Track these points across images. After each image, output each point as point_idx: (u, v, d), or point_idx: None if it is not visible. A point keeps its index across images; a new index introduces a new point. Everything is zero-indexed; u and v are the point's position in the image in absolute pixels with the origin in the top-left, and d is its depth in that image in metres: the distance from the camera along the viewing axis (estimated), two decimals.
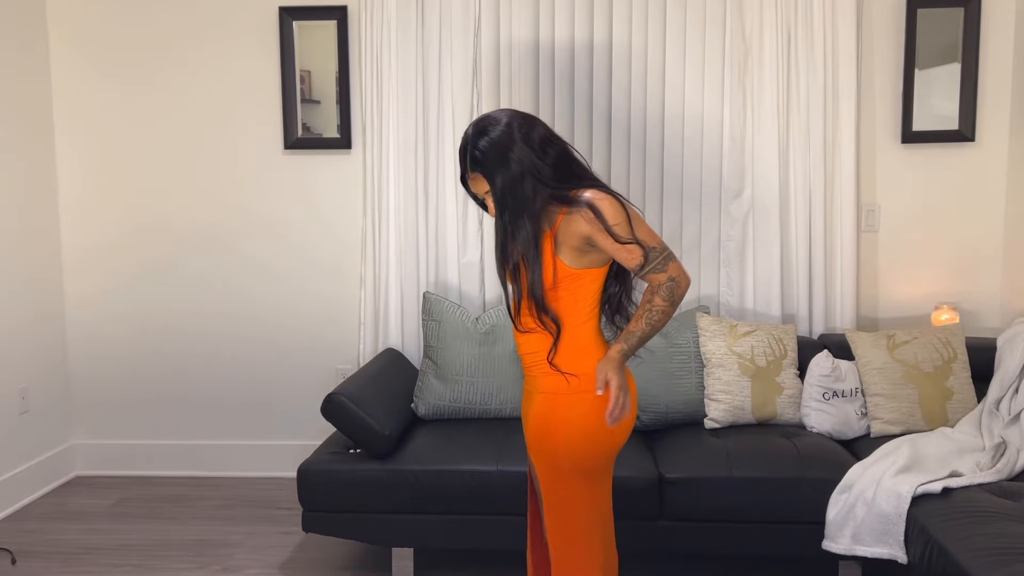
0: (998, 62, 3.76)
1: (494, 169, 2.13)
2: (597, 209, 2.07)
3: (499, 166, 2.12)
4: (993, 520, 2.46)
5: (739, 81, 3.73)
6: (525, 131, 2.14)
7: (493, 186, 2.14)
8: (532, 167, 2.12)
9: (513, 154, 2.11)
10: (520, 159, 2.12)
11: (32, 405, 3.96)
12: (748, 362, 3.36)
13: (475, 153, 2.15)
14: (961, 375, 3.30)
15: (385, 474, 3.06)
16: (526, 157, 2.12)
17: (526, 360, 2.25)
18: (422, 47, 3.82)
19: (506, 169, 2.11)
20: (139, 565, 3.30)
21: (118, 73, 4.07)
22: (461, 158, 2.20)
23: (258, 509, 3.81)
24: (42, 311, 4.04)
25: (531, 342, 2.20)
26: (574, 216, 2.10)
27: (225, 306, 4.14)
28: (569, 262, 2.13)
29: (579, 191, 2.13)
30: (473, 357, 3.48)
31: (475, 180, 2.19)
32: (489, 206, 2.21)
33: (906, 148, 3.83)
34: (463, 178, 2.24)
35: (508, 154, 2.12)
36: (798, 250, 3.76)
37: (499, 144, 2.12)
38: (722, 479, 2.98)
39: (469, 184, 2.23)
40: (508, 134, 2.13)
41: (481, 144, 2.14)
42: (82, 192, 4.14)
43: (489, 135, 2.14)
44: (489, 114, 2.21)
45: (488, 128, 2.15)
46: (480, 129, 2.16)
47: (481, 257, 3.89)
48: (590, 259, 2.14)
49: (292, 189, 4.07)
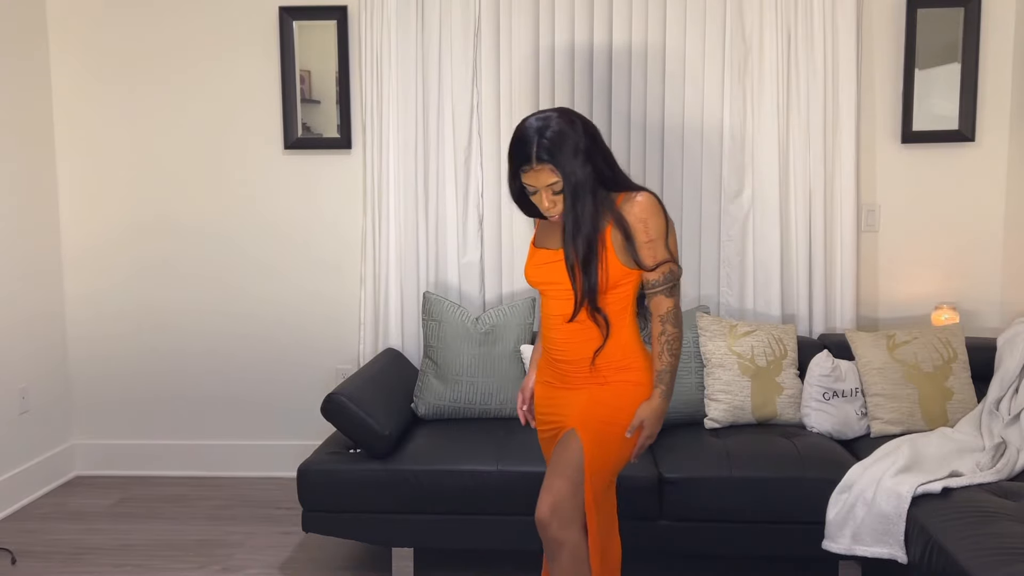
0: (998, 62, 3.76)
1: (566, 161, 2.15)
2: (648, 215, 2.18)
3: (571, 158, 2.15)
4: (993, 520, 2.46)
5: (739, 81, 3.73)
6: (590, 130, 2.21)
7: (566, 178, 2.15)
8: (598, 163, 2.19)
9: (583, 147, 2.16)
10: (589, 154, 2.17)
11: (32, 405, 3.96)
12: (748, 362, 3.36)
13: (544, 142, 2.15)
14: (961, 375, 3.30)
15: (385, 474, 3.06)
16: (594, 152, 2.19)
17: (578, 353, 2.27)
18: (422, 47, 3.82)
19: (578, 162, 2.15)
20: (139, 565, 3.30)
21: (118, 73, 4.07)
22: (519, 151, 2.19)
23: (258, 509, 3.81)
24: (42, 312, 4.04)
25: (584, 332, 2.26)
26: (626, 215, 2.19)
27: (225, 306, 4.14)
28: (623, 261, 2.22)
29: (630, 192, 2.22)
30: (473, 357, 3.48)
31: (538, 172, 2.17)
32: (544, 201, 2.20)
33: (906, 148, 3.83)
34: (514, 173, 2.23)
35: (579, 146, 2.16)
36: (798, 250, 3.76)
37: (570, 137, 2.16)
38: (722, 479, 2.98)
39: (527, 178, 2.20)
40: (575, 129, 2.18)
41: (550, 135, 2.16)
42: (82, 192, 4.14)
43: (556, 128, 2.17)
44: (543, 111, 2.25)
45: (551, 122, 2.18)
46: (544, 122, 2.18)
47: (481, 257, 3.89)
48: (626, 259, 2.22)
49: (292, 189, 4.07)
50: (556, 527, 2.18)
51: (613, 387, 2.26)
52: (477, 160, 3.85)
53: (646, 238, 2.19)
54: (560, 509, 2.19)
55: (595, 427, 2.21)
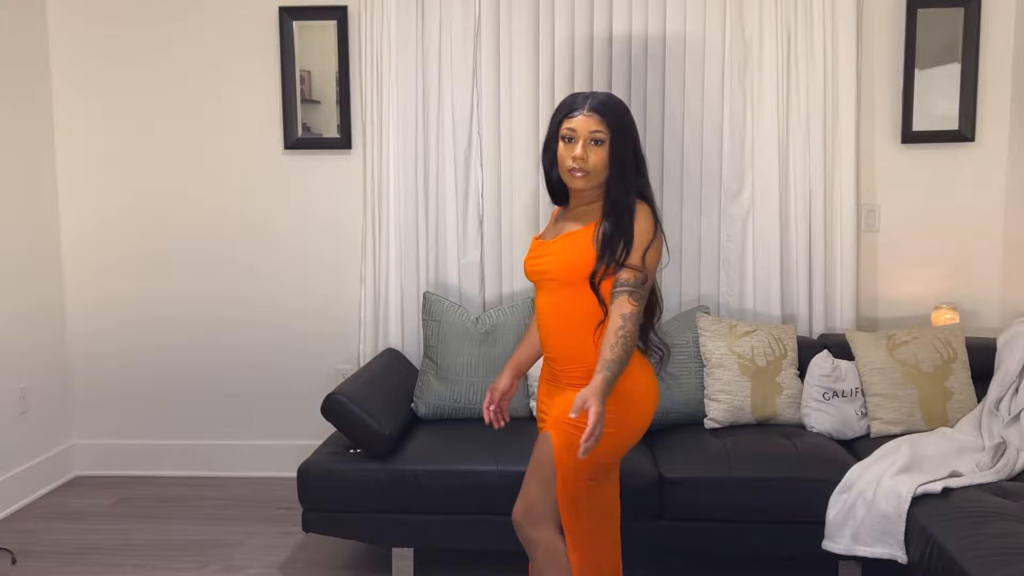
0: (998, 62, 3.76)
1: (616, 120, 2.20)
2: (642, 219, 2.21)
3: (626, 128, 2.21)
4: (993, 520, 2.46)
5: (739, 81, 3.73)
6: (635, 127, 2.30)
7: (618, 140, 2.19)
8: (637, 152, 2.27)
9: (629, 127, 2.24)
10: (635, 140, 2.25)
11: (32, 405, 3.96)
12: (748, 362, 3.36)
13: (600, 97, 2.22)
14: (961, 375, 3.30)
15: (385, 474, 3.06)
16: (637, 143, 2.27)
17: (563, 348, 2.30)
18: (422, 47, 3.82)
19: (631, 136, 2.23)
20: (139, 565, 3.30)
21: (118, 72, 4.07)
22: (570, 102, 2.24)
23: (258, 509, 3.81)
24: (42, 313, 4.04)
25: (572, 323, 2.28)
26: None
27: (225, 306, 4.14)
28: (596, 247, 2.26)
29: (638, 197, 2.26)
30: (473, 357, 3.48)
31: (587, 118, 2.20)
32: (577, 147, 2.20)
33: (906, 148, 3.83)
34: (553, 134, 2.26)
35: (628, 126, 2.23)
36: (798, 250, 3.76)
37: (625, 112, 2.25)
38: (722, 479, 2.98)
39: (572, 122, 2.21)
40: (629, 113, 2.27)
41: (605, 97, 2.23)
42: (82, 192, 4.14)
43: (614, 97, 2.25)
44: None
45: (609, 95, 2.27)
46: (605, 93, 2.27)
47: (481, 257, 3.89)
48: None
49: (292, 189, 4.07)
50: (528, 527, 2.25)
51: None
52: (477, 160, 3.85)
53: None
54: (532, 509, 2.25)
55: (566, 429, 2.20)
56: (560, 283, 2.25)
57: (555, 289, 2.27)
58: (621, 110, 2.23)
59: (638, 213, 2.21)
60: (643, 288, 2.18)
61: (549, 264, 2.28)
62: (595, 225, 2.23)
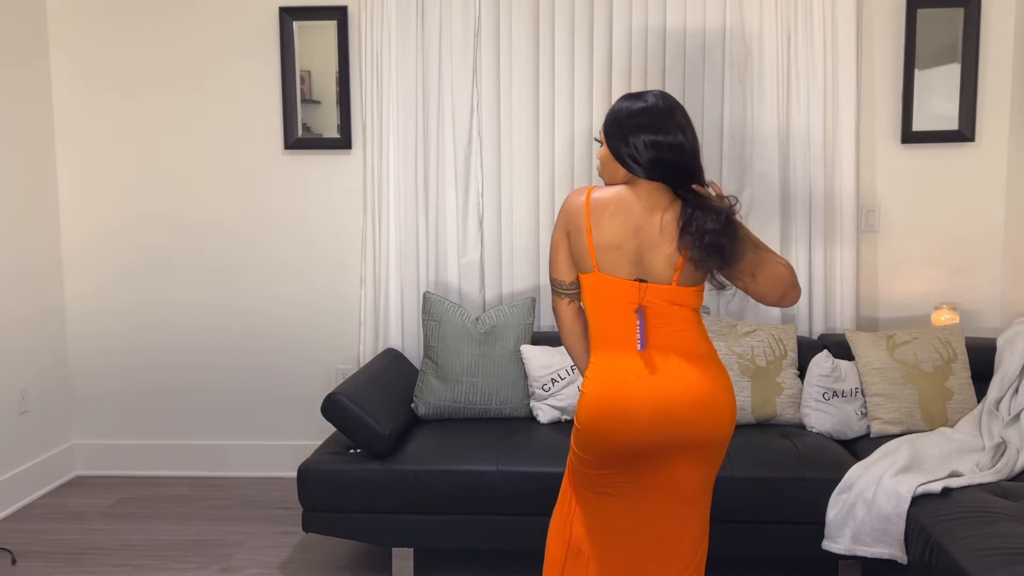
0: (998, 62, 3.76)
1: (686, 125, 2.16)
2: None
3: (689, 125, 2.17)
4: (993, 520, 2.46)
5: (739, 81, 3.73)
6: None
7: (685, 132, 2.14)
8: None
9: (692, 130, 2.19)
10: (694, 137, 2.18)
11: (32, 405, 3.96)
12: (748, 362, 3.36)
13: (672, 99, 2.17)
14: (961, 375, 3.30)
15: (385, 474, 3.06)
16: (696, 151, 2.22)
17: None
18: (422, 47, 3.82)
19: (693, 134, 2.17)
20: (139, 565, 3.30)
21: (118, 73, 4.07)
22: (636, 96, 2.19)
23: (258, 509, 3.81)
24: (42, 313, 4.04)
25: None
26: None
27: (225, 306, 4.14)
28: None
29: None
30: (473, 357, 3.48)
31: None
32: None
33: (906, 148, 3.83)
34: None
35: (692, 128, 2.18)
36: (798, 250, 3.76)
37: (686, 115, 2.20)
38: (722, 479, 2.95)
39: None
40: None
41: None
42: (82, 193, 4.14)
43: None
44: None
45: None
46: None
47: (481, 257, 3.89)
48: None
49: (292, 189, 4.07)
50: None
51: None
52: (477, 160, 3.85)
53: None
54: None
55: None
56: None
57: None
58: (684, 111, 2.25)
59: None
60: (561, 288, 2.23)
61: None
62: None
